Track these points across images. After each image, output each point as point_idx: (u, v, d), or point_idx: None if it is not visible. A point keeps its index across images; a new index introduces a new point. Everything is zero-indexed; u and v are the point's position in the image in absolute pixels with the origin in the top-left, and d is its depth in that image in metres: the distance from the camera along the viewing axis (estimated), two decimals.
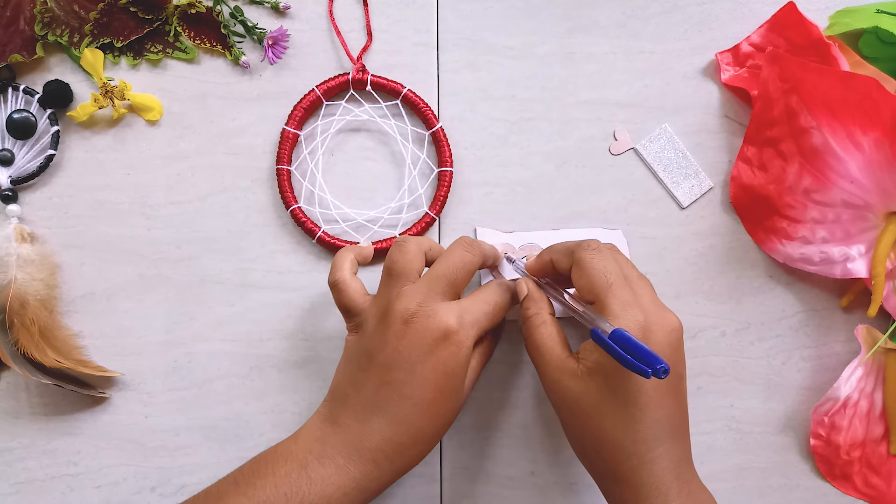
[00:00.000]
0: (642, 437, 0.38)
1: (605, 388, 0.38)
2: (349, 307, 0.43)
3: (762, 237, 0.49)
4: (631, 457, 0.38)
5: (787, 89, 0.46)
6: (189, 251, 0.49)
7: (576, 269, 0.41)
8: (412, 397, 0.39)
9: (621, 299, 0.39)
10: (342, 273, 0.43)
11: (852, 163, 0.45)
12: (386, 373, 0.39)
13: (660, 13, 0.51)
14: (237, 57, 0.49)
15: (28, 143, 0.48)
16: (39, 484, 0.48)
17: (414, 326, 0.39)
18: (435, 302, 0.40)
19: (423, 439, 0.40)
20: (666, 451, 0.38)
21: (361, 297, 0.43)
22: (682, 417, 0.40)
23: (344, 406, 0.40)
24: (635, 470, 0.38)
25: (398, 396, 0.39)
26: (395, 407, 0.39)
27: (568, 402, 0.40)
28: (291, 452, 0.39)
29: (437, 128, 0.49)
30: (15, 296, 0.46)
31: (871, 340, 0.48)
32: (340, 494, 0.38)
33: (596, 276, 0.39)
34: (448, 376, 0.39)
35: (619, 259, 0.41)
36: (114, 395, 0.48)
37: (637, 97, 0.51)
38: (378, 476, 0.39)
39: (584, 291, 0.40)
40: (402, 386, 0.39)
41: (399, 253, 0.42)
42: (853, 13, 0.49)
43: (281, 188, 0.48)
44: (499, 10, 0.51)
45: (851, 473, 0.49)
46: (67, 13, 0.48)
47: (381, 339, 0.40)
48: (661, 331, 0.38)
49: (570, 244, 0.42)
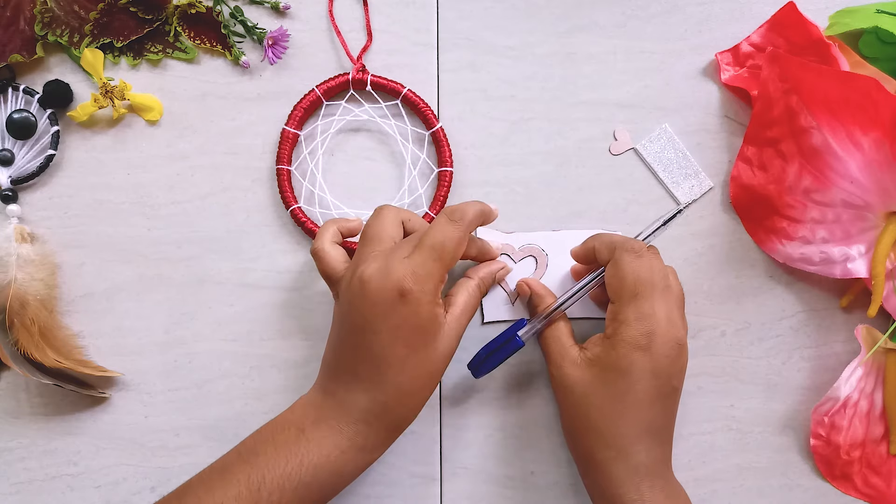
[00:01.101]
0: (623, 432, 0.41)
1: (599, 381, 0.41)
2: (329, 274, 0.43)
3: (762, 237, 0.49)
4: (610, 447, 0.41)
5: (787, 89, 0.46)
6: (189, 251, 0.49)
7: (612, 266, 0.42)
8: (385, 357, 0.39)
9: (639, 311, 0.40)
10: (322, 242, 0.44)
11: (852, 163, 0.45)
12: (357, 336, 0.40)
13: (660, 13, 0.51)
14: (237, 57, 0.49)
15: (28, 143, 0.48)
16: (39, 484, 0.48)
17: (371, 288, 0.39)
18: (392, 261, 0.40)
19: (406, 395, 0.40)
20: (645, 449, 0.41)
21: (341, 264, 0.43)
22: (667, 424, 0.43)
23: (329, 374, 0.42)
24: (613, 460, 0.41)
25: (371, 357, 0.40)
26: (371, 368, 0.40)
27: (564, 386, 0.43)
28: (289, 420, 0.41)
29: (437, 128, 0.49)
30: (15, 296, 0.46)
31: (871, 340, 0.48)
32: (338, 452, 0.39)
33: (627, 282, 0.41)
34: (415, 331, 0.40)
35: (654, 268, 0.42)
36: (114, 395, 0.48)
37: (637, 97, 0.51)
38: (373, 434, 0.40)
39: (612, 290, 0.42)
40: (372, 346, 0.40)
41: (375, 218, 0.42)
42: (853, 13, 0.49)
43: (281, 188, 0.48)
44: (499, 10, 0.51)
45: (851, 473, 0.49)
46: (67, 13, 0.48)
47: (349, 304, 0.40)
48: (663, 343, 0.40)
49: (616, 238, 0.43)
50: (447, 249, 0.40)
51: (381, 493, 0.48)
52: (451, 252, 0.40)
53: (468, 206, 0.42)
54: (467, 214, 0.41)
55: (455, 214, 0.41)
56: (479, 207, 0.42)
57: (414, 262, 0.39)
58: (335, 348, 0.42)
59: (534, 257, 0.49)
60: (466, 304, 0.43)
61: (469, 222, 0.41)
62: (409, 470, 0.48)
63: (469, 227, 0.41)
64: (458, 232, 0.40)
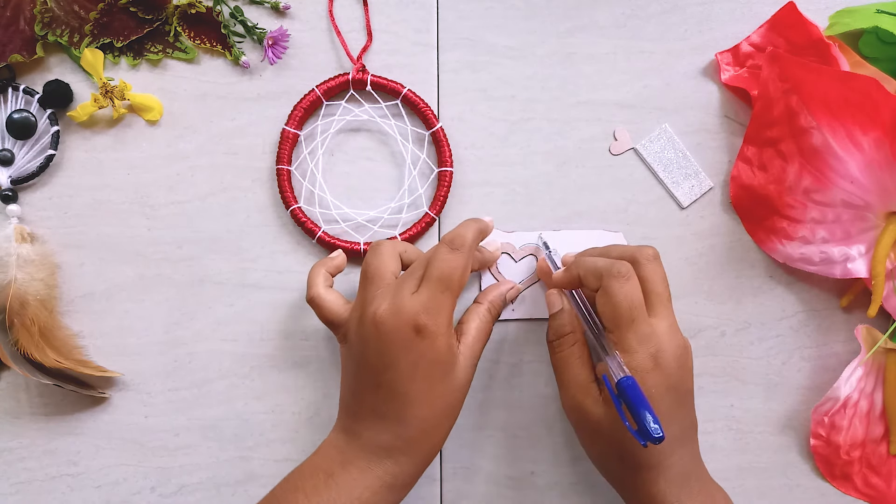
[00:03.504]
0: (658, 450, 0.40)
1: None
2: (331, 320, 0.43)
3: (762, 237, 0.49)
4: (650, 469, 0.41)
5: (787, 89, 0.46)
6: (189, 251, 0.49)
7: (602, 294, 0.41)
8: (406, 392, 0.40)
9: (640, 334, 0.40)
10: (316, 289, 0.44)
11: (852, 163, 0.45)
12: (376, 375, 0.40)
13: (660, 13, 0.51)
14: (237, 57, 0.49)
15: (28, 143, 0.48)
16: (39, 484, 0.48)
17: (386, 327, 0.39)
18: (401, 298, 0.40)
19: (431, 428, 0.41)
20: (679, 458, 0.41)
21: (341, 307, 0.43)
22: (692, 424, 0.43)
23: (351, 416, 0.42)
24: (653, 481, 0.41)
25: (393, 395, 0.40)
26: (394, 405, 0.40)
27: (590, 423, 0.42)
28: (316, 465, 0.41)
29: (437, 128, 0.49)
30: (15, 296, 0.46)
31: (871, 340, 0.48)
32: (370, 493, 0.39)
33: (621, 309, 0.40)
34: (433, 364, 0.40)
35: (647, 279, 0.41)
36: (114, 395, 0.48)
37: (637, 97, 0.51)
38: (401, 471, 0.40)
39: (607, 319, 0.41)
40: (393, 384, 0.40)
41: (373, 255, 0.42)
42: (853, 13, 0.49)
43: (281, 188, 0.48)
44: (499, 10, 0.51)
45: (851, 473, 0.49)
46: (67, 13, 0.48)
47: (363, 345, 0.41)
48: (671, 355, 0.40)
49: (599, 264, 0.41)
50: (454, 279, 0.40)
51: None
52: (458, 281, 0.40)
53: (466, 230, 0.42)
54: (467, 239, 0.41)
55: (455, 242, 0.41)
56: (475, 227, 0.42)
57: (424, 297, 0.40)
58: (353, 389, 0.42)
59: (534, 256, 0.49)
60: (479, 331, 0.43)
61: (470, 247, 0.41)
62: None
63: (471, 251, 0.42)
64: (462, 260, 0.41)
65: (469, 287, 0.49)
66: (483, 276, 0.49)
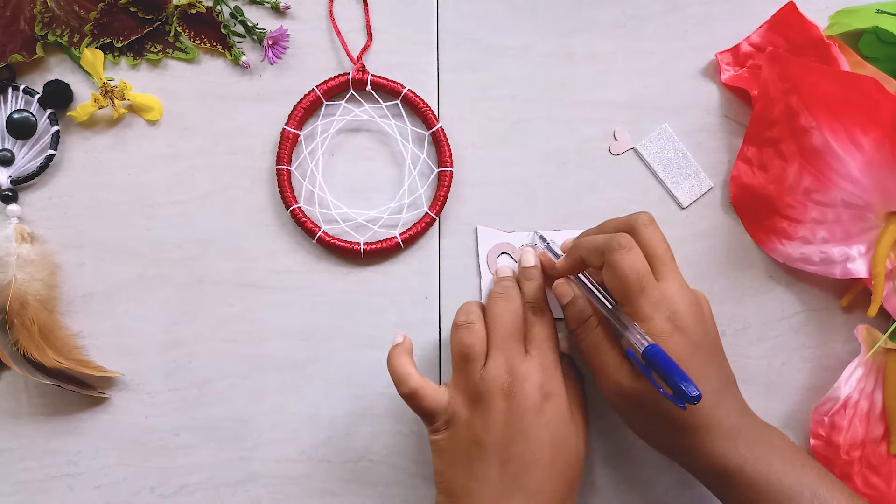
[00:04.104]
0: (702, 409, 0.40)
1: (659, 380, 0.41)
2: (434, 410, 0.42)
3: (762, 237, 0.49)
4: (701, 430, 0.41)
5: (787, 89, 0.46)
6: (189, 251, 0.49)
7: (608, 270, 0.41)
8: (536, 463, 0.40)
9: (652, 300, 0.40)
10: (415, 380, 0.42)
11: (852, 163, 0.45)
12: (504, 451, 0.40)
13: (660, 13, 0.51)
14: (237, 57, 0.49)
15: (28, 143, 0.48)
16: (39, 484, 0.48)
17: (516, 397, 0.40)
18: (520, 364, 0.41)
19: (557, 500, 0.41)
20: (726, 412, 0.41)
21: (441, 395, 0.42)
22: (728, 376, 0.43)
23: (471, 500, 0.40)
24: (709, 441, 0.41)
25: (524, 468, 0.40)
26: (525, 479, 0.40)
27: (631, 399, 0.41)
28: None
29: (437, 128, 0.49)
30: (15, 296, 0.46)
31: (871, 340, 0.48)
32: None
33: (629, 280, 0.40)
34: (560, 427, 0.41)
35: (647, 244, 0.42)
36: (114, 395, 0.48)
37: (637, 97, 0.51)
38: None
39: (617, 293, 0.41)
40: (523, 456, 0.40)
41: (470, 336, 0.43)
42: (853, 13, 0.49)
43: (281, 188, 0.48)
44: (499, 10, 0.51)
45: (851, 473, 0.49)
46: (67, 13, 0.48)
47: (484, 422, 0.41)
48: (687, 314, 0.41)
49: (598, 241, 0.42)
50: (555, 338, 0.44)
51: (381, 493, 0.48)
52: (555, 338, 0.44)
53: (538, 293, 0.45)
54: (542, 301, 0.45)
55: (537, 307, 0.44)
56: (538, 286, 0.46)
57: (538, 361, 0.42)
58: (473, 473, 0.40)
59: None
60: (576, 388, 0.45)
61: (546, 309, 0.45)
62: (409, 470, 0.48)
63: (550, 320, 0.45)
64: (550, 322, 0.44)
65: (469, 286, 0.49)
66: (483, 277, 0.49)
